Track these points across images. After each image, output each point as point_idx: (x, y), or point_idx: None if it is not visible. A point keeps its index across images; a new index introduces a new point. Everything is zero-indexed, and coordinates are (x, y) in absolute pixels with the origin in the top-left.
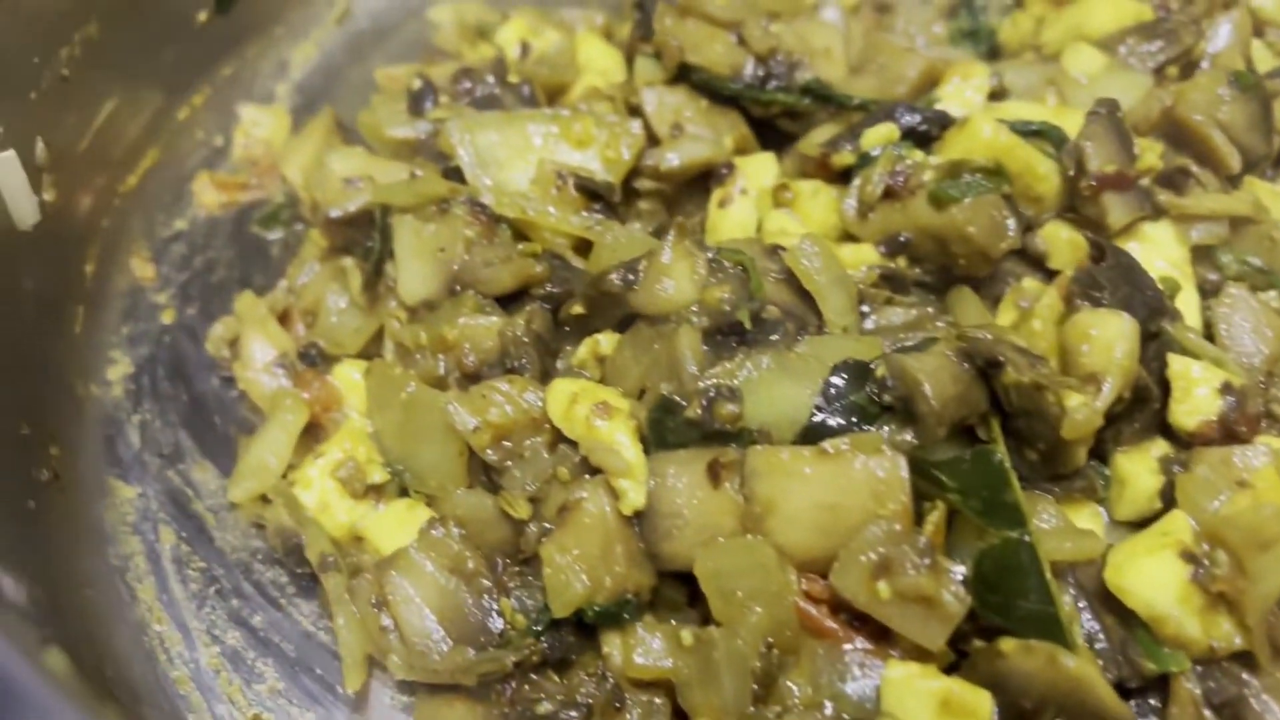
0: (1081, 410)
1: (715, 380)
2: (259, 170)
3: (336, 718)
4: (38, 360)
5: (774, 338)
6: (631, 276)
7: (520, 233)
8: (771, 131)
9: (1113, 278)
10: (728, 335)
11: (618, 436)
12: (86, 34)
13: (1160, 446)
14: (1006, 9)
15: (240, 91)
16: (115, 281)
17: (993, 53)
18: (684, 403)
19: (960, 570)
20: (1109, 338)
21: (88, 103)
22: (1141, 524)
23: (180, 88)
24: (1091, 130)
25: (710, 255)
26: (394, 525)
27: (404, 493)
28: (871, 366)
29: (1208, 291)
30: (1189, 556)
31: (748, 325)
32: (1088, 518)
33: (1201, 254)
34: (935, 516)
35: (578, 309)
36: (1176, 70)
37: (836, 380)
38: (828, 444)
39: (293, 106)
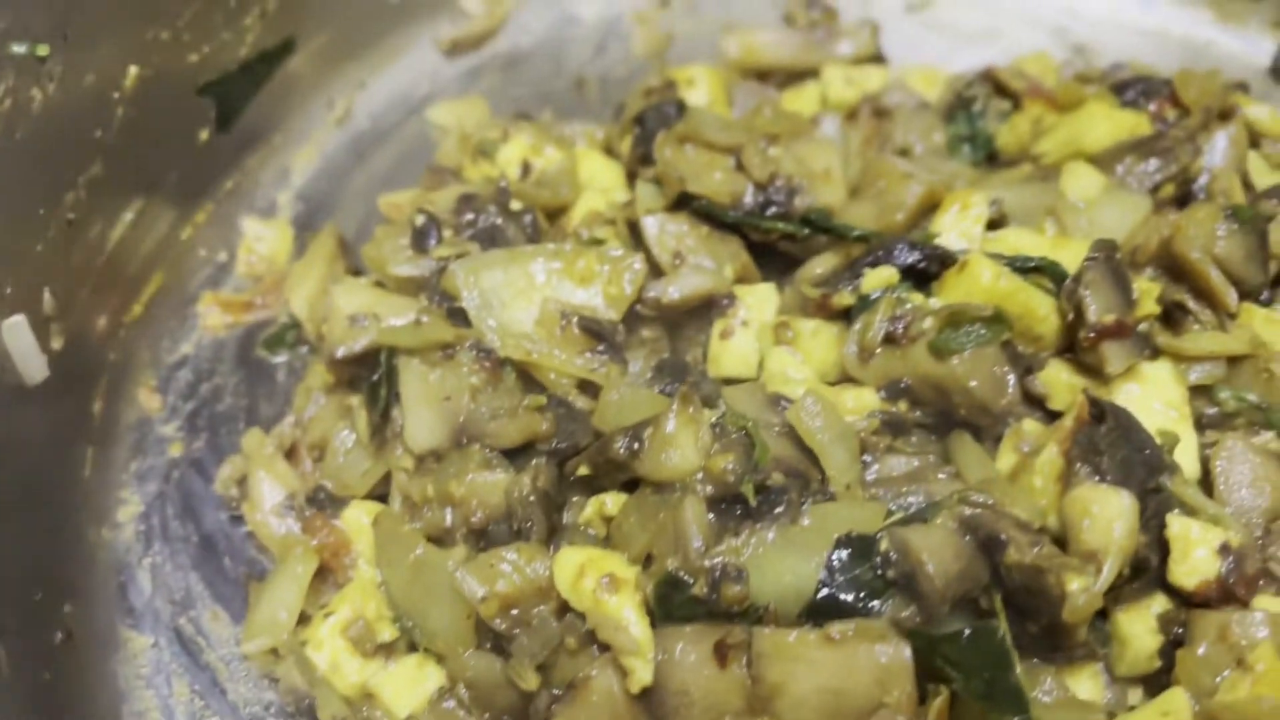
0: (1082, 594)
1: (721, 559)
2: (263, 288)
3: None
4: (49, 512)
5: (779, 510)
6: (636, 445)
7: (526, 374)
8: (773, 255)
9: (1112, 441)
10: (733, 504)
11: (625, 612)
12: (91, 175)
13: (1160, 603)
14: (1004, 114)
15: (243, 204)
16: (123, 416)
17: (991, 157)
18: (690, 580)
19: None
20: (1109, 516)
21: (93, 240)
22: (1144, 679)
23: (184, 208)
24: (1090, 278)
25: (715, 421)
26: (405, 684)
27: (414, 646)
28: (876, 538)
29: (1205, 425)
30: None
31: (751, 500)
32: (1088, 677)
33: (1200, 390)
34: (938, 703)
35: (584, 470)
36: (1174, 188)
37: (840, 554)
38: (834, 629)
39: (295, 215)
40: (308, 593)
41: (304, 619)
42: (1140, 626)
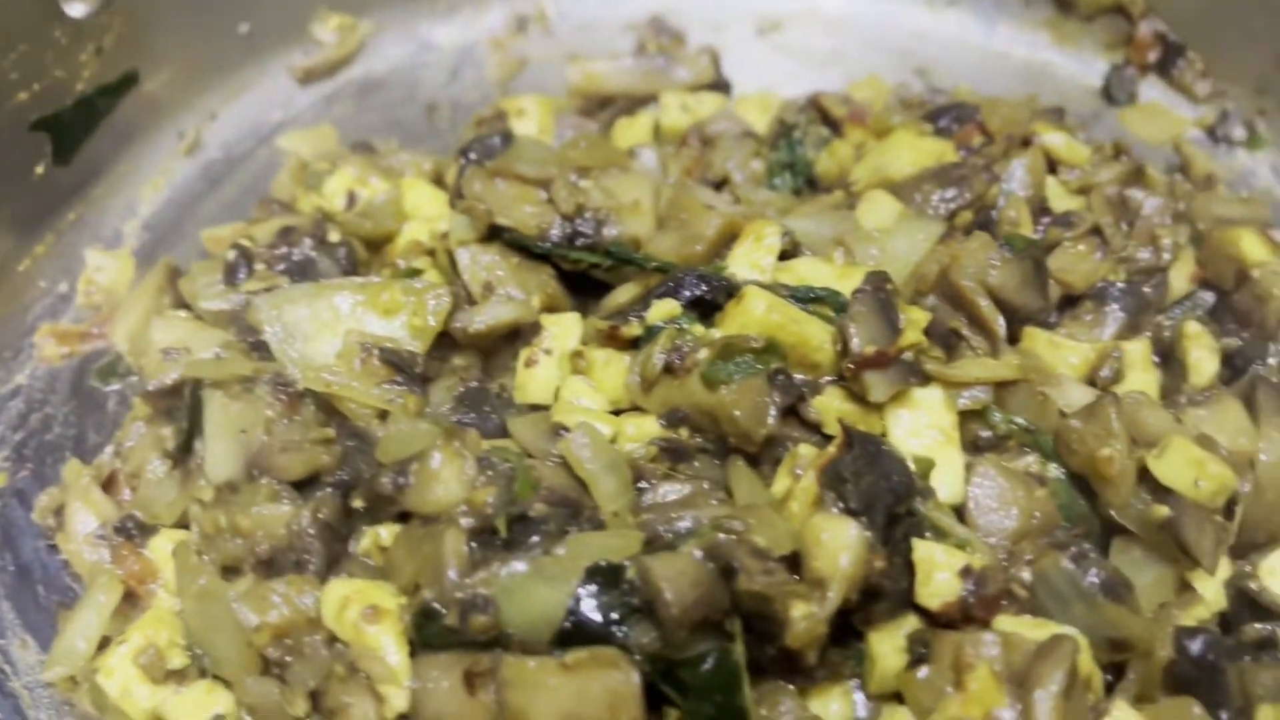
0: (804, 620)
1: (471, 590)
2: (101, 318)
3: None
4: None
5: (534, 539)
6: (402, 480)
7: (330, 406)
8: (591, 285)
9: (858, 469)
10: (494, 535)
11: (384, 640)
12: None
13: (911, 623)
14: (824, 141)
15: (86, 235)
16: None
17: (811, 184)
18: (443, 610)
19: None
20: (837, 546)
21: None
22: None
23: (22, 240)
24: (855, 311)
25: (484, 455)
26: (193, 709)
27: (204, 673)
28: (624, 567)
29: (982, 448)
30: None
31: (503, 533)
32: (838, 696)
33: (977, 414)
34: None
35: (359, 502)
36: (971, 215)
37: (589, 583)
38: (569, 657)
39: (140, 245)
40: (116, 620)
41: (102, 652)
42: (888, 646)
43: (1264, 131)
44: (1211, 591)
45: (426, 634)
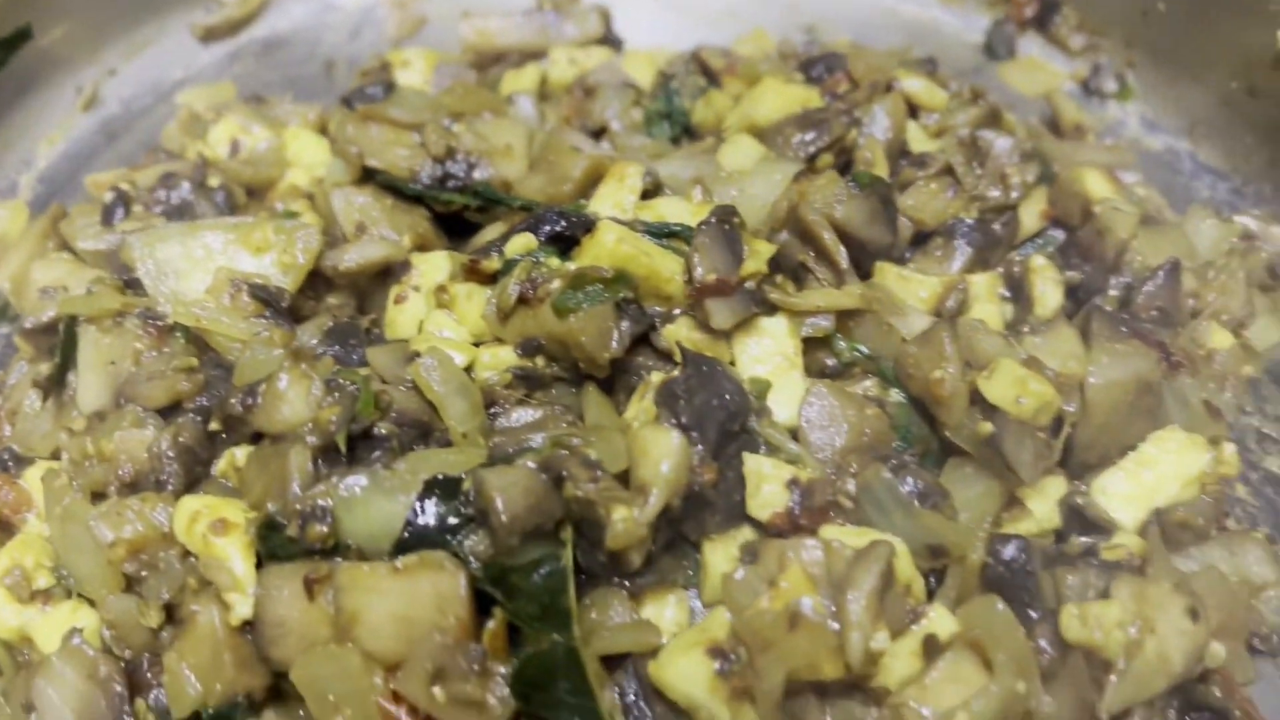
0: (623, 523)
1: (311, 501)
2: None
3: None
4: None
5: (376, 454)
6: (251, 400)
7: (201, 341)
8: (458, 222)
9: (690, 388)
10: (336, 455)
11: (230, 551)
12: None
13: (745, 534)
14: (700, 90)
15: None
16: None
17: (689, 133)
18: (284, 521)
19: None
20: (659, 454)
21: None
22: None
23: None
24: (700, 242)
25: (332, 376)
26: (58, 627)
27: (70, 594)
28: (461, 482)
29: (829, 375)
30: (717, 653)
31: (343, 448)
32: (673, 603)
33: (819, 344)
34: (493, 625)
35: (215, 425)
36: (830, 158)
37: (427, 495)
38: (399, 561)
39: (35, 197)
40: None
41: None
42: (720, 556)
43: (1133, 83)
44: (1043, 509)
45: (270, 545)
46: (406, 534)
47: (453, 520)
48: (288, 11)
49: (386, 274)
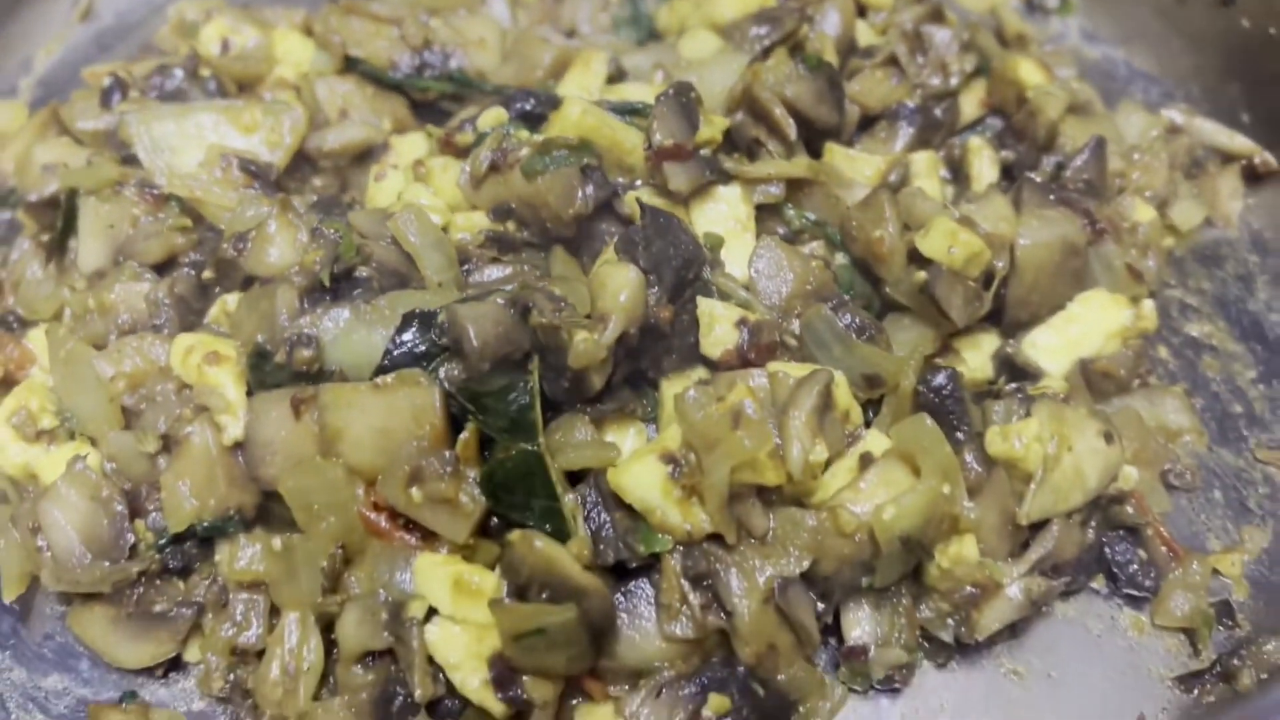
0: (584, 343)
1: (298, 330)
2: None
3: (4, 625)
4: None
5: (357, 292)
6: (242, 245)
7: (190, 209)
8: (435, 110)
9: (647, 236)
10: (323, 292)
11: (222, 379)
12: None
13: (700, 373)
14: None
15: None
16: None
17: (654, 35)
18: (273, 350)
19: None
20: (616, 286)
21: None
22: None
23: None
24: (658, 110)
25: (317, 226)
26: (61, 464)
27: (72, 436)
28: (436, 315)
29: (782, 238)
30: (669, 459)
31: (326, 282)
32: (633, 435)
33: (771, 211)
34: (466, 435)
35: (208, 273)
36: (784, 52)
37: (405, 327)
38: (379, 380)
39: (34, 99)
40: None
41: None
42: (677, 388)
43: None
44: (977, 360)
45: (260, 374)
46: (386, 362)
47: (428, 349)
48: None
49: (367, 156)
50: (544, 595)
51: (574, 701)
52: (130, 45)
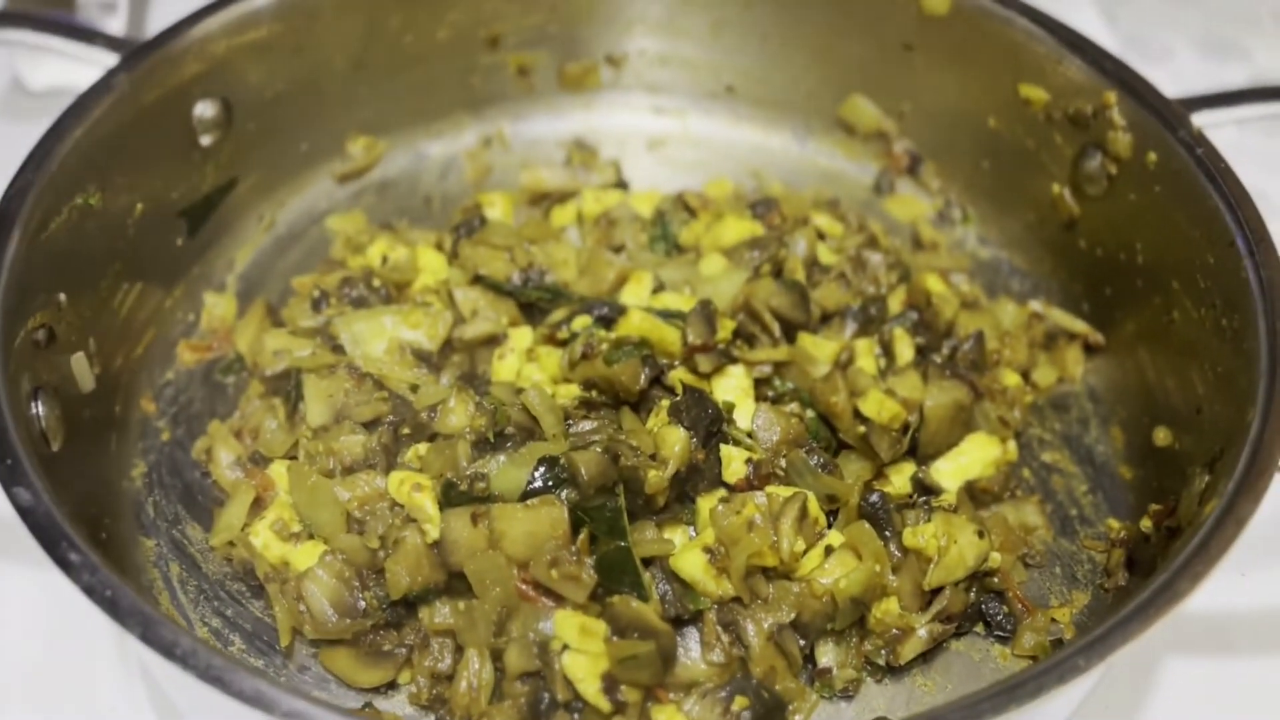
0: (654, 479)
1: (475, 470)
2: (218, 337)
3: (276, 661)
4: (95, 469)
5: (508, 445)
6: (433, 414)
7: (379, 383)
8: (534, 310)
9: (688, 404)
10: (485, 444)
11: (425, 501)
12: (114, 268)
13: (721, 492)
14: (685, 221)
15: (203, 283)
16: (133, 415)
17: (678, 248)
18: (458, 482)
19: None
20: (672, 440)
21: (114, 307)
22: None
23: (168, 287)
24: (691, 319)
25: (479, 400)
26: (306, 556)
27: (310, 537)
28: (559, 458)
29: (772, 400)
30: (707, 550)
31: (491, 439)
32: (680, 534)
33: (764, 382)
34: (583, 536)
35: (406, 430)
36: (769, 267)
37: (540, 466)
38: (529, 502)
39: (239, 290)
40: (249, 514)
41: (245, 527)
42: (707, 505)
43: (971, 213)
44: (900, 480)
45: (449, 497)
46: (529, 488)
47: (553, 481)
48: (395, 162)
49: (491, 342)
50: (635, 635)
51: (649, 703)
52: (299, 248)
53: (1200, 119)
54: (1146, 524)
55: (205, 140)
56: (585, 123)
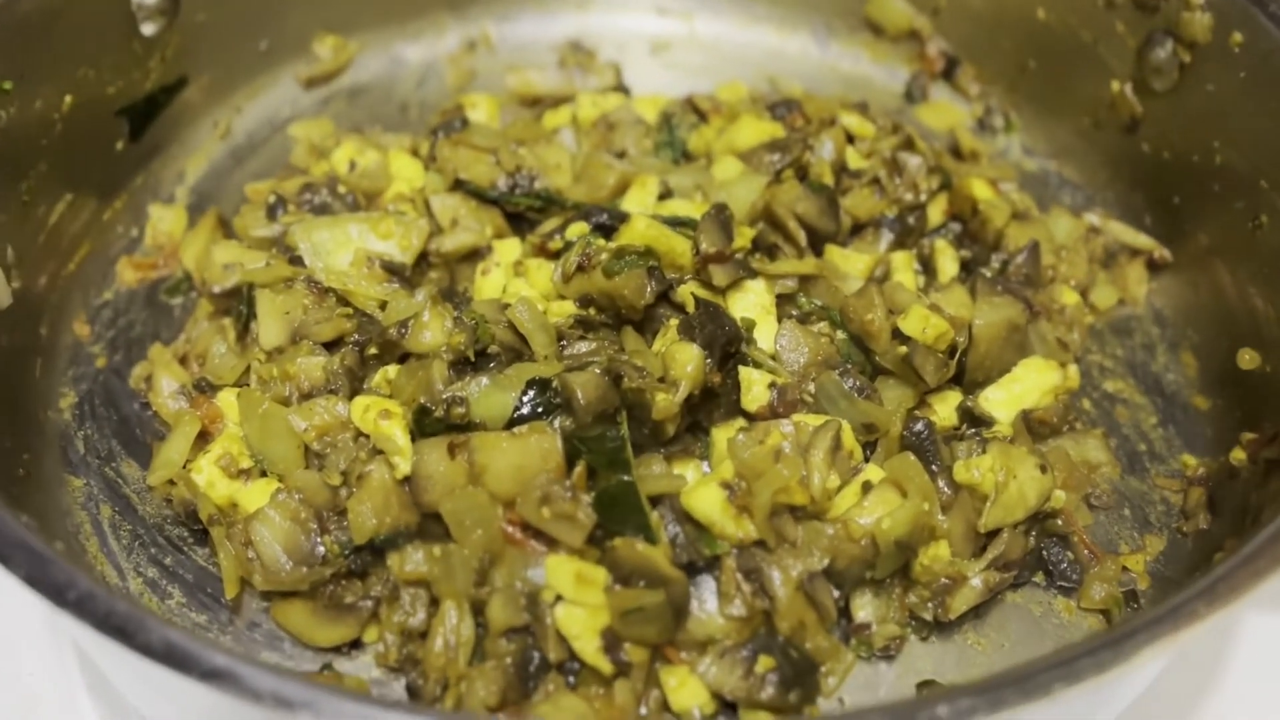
0: (663, 402)
1: (452, 393)
2: (164, 254)
3: (221, 617)
4: (12, 397)
5: (491, 365)
6: (404, 330)
7: (343, 299)
8: (522, 220)
9: (702, 320)
10: (464, 365)
11: (394, 430)
12: (38, 170)
13: (740, 422)
14: (694, 126)
15: (149, 195)
16: (62, 339)
17: (686, 156)
18: (433, 408)
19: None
20: (684, 359)
21: (39, 216)
22: None
23: (106, 196)
24: (704, 225)
25: (456, 314)
26: (257, 495)
27: (263, 474)
28: (551, 380)
29: (797, 319)
30: (725, 485)
31: (471, 358)
32: (692, 469)
33: (788, 299)
34: (579, 469)
35: (373, 350)
36: (792, 173)
37: (529, 390)
38: (515, 430)
39: (189, 204)
40: (192, 448)
41: (188, 463)
42: (724, 435)
43: (1015, 120)
44: (945, 411)
45: (422, 425)
46: (516, 415)
47: (545, 406)
48: (367, 66)
49: (473, 255)
50: (641, 584)
51: (657, 665)
52: (258, 158)
53: None
54: (1240, 455)
55: (147, 29)
56: (580, 23)
